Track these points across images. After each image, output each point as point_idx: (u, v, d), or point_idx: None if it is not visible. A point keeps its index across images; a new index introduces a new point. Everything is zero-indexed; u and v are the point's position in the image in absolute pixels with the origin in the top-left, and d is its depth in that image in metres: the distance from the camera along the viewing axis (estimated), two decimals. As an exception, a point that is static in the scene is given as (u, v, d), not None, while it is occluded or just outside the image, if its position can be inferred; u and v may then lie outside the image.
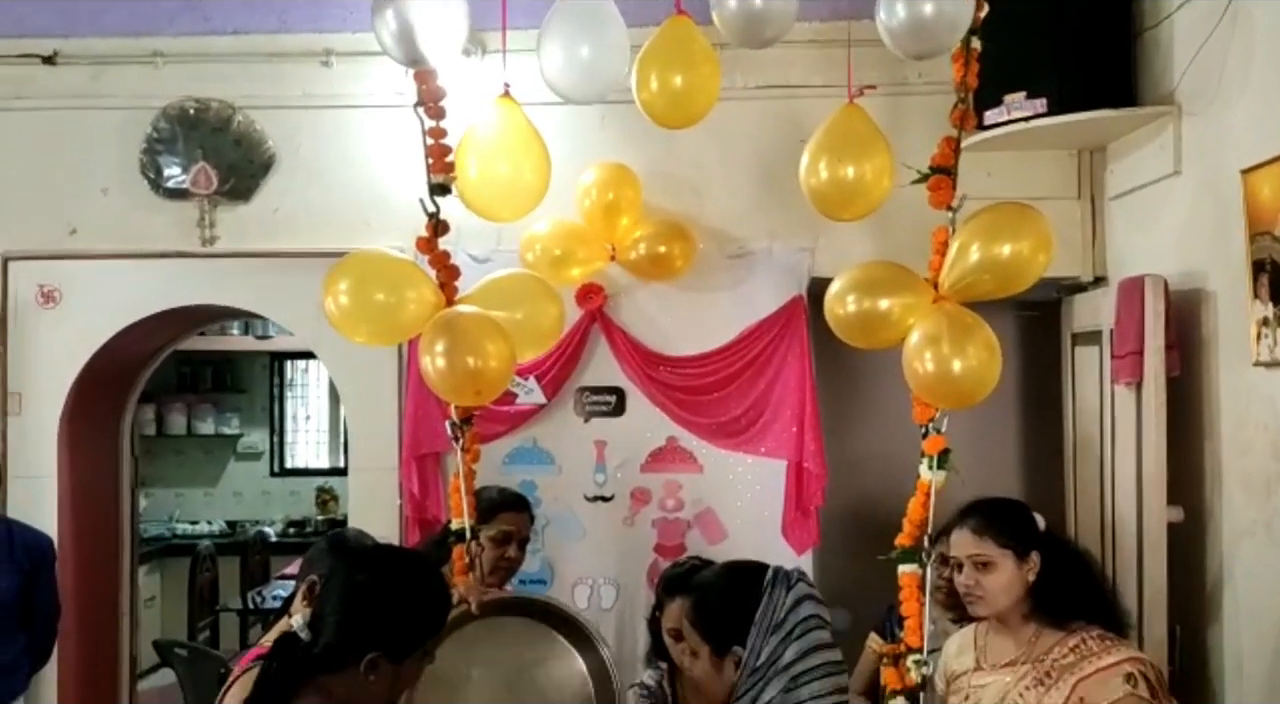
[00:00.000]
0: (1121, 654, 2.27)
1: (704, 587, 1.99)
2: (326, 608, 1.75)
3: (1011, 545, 2.35)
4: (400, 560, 1.87)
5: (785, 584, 1.85)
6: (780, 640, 1.80)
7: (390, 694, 1.79)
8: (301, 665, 1.72)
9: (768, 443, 3.69)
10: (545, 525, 3.72)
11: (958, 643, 2.56)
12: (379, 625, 1.73)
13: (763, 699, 1.79)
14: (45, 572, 3.46)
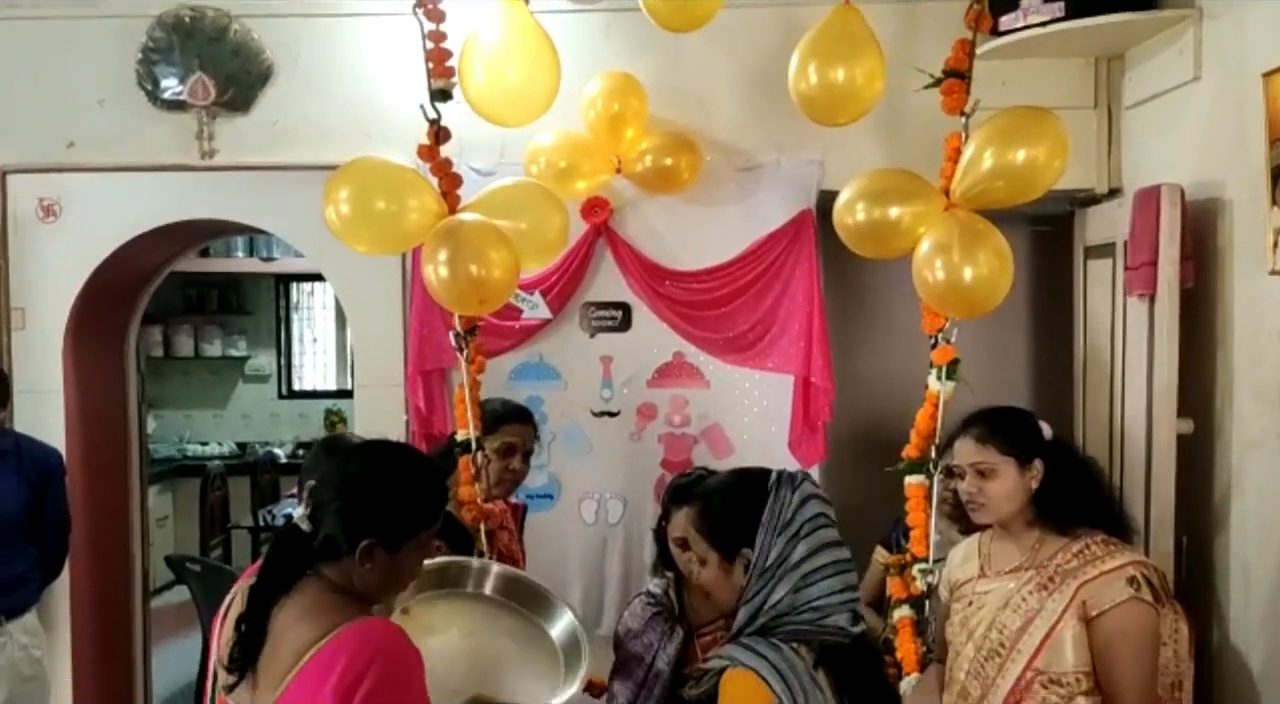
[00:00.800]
0: (1125, 558, 2.27)
1: (710, 492, 1.98)
2: (324, 498, 1.75)
3: (1014, 453, 2.33)
4: (391, 450, 1.88)
5: (791, 485, 1.85)
6: (788, 540, 1.80)
7: (388, 584, 1.80)
8: (302, 556, 1.73)
9: (775, 358, 3.67)
10: (551, 441, 3.73)
11: (962, 552, 2.57)
12: (373, 512, 1.73)
13: (772, 599, 1.79)
14: (54, 485, 3.48)
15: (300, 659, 1.62)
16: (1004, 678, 2.28)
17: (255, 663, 1.68)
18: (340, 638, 1.62)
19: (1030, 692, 2.26)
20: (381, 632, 1.67)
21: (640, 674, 2.66)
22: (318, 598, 1.70)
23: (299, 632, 1.65)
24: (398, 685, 1.62)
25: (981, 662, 2.33)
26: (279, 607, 1.69)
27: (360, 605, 1.74)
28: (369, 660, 1.60)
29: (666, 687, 2.61)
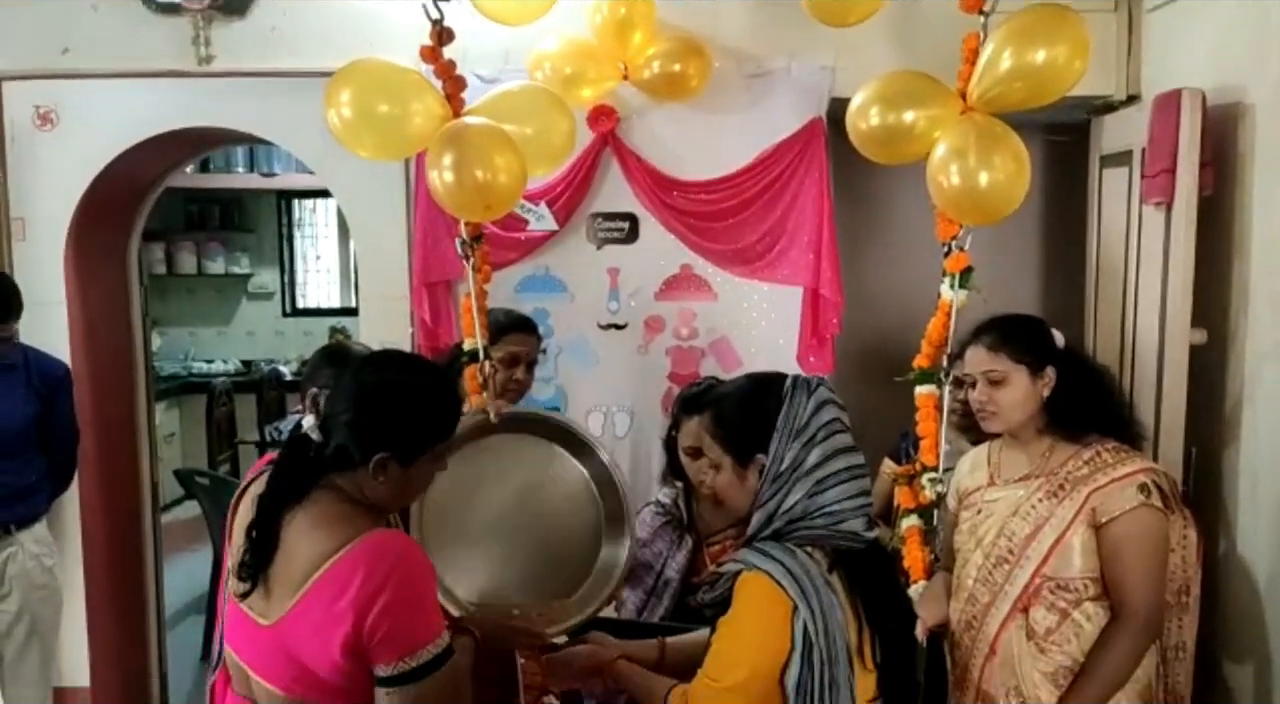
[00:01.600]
0: (1136, 465, 2.26)
1: (724, 397, 1.95)
2: (337, 409, 1.73)
3: (1026, 361, 2.31)
4: (406, 361, 1.85)
5: (806, 389, 1.82)
6: (803, 445, 1.78)
7: (401, 496, 1.79)
8: (313, 466, 1.72)
9: (784, 270, 3.62)
10: (558, 353, 3.70)
11: (971, 460, 2.56)
12: (388, 426, 1.71)
13: (786, 505, 1.79)
14: (63, 397, 3.48)
15: (315, 571, 1.61)
16: (1012, 584, 2.29)
17: (267, 571, 1.68)
18: (356, 551, 1.61)
19: (1038, 597, 2.27)
20: (397, 546, 1.66)
21: (649, 582, 2.68)
22: (330, 509, 1.69)
23: (313, 543, 1.64)
24: (413, 599, 1.62)
25: (990, 568, 2.34)
26: (290, 516, 1.68)
27: (373, 517, 1.73)
28: (386, 574, 1.59)
29: (675, 595, 2.62)
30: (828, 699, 1.70)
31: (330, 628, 1.58)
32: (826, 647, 1.70)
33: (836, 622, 1.72)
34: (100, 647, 3.79)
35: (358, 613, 1.57)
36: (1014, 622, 2.29)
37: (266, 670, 1.68)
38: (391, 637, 1.59)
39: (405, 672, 1.60)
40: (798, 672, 1.70)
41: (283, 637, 1.64)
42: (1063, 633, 2.25)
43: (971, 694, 2.37)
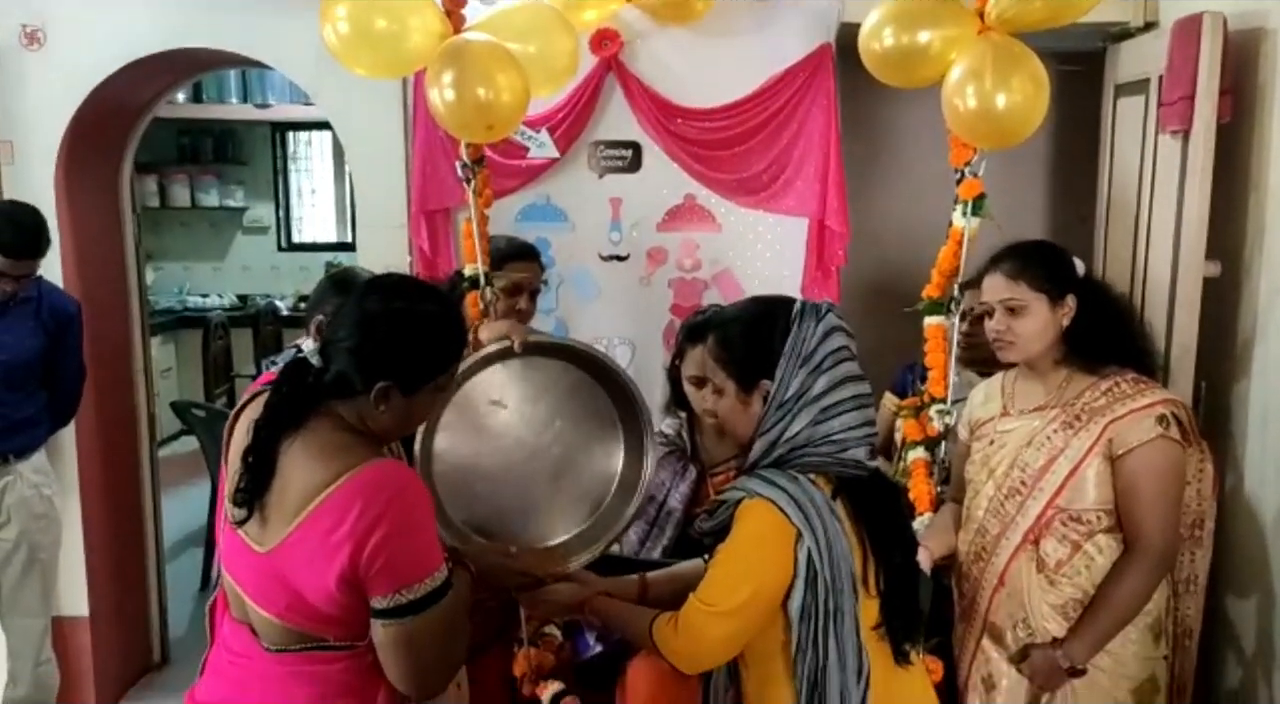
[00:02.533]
0: (1155, 396, 2.22)
1: (729, 321, 1.91)
2: (339, 335, 1.68)
3: (1046, 289, 2.26)
4: (412, 288, 1.78)
5: (815, 315, 1.78)
6: (809, 372, 1.74)
7: (402, 425, 1.74)
8: (312, 391, 1.67)
9: (789, 200, 3.54)
10: (559, 284, 3.64)
11: (984, 391, 2.52)
12: (391, 354, 1.66)
13: (790, 432, 1.75)
14: (72, 335, 3.43)
15: (312, 501, 1.58)
16: (1024, 515, 2.26)
17: (263, 499, 1.63)
18: (354, 481, 1.57)
19: (1050, 529, 2.25)
20: (397, 477, 1.63)
21: (652, 513, 2.65)
22: (329, 437, 1.64)
23: (310, 472, 1.60)
24: (412, 532, 1.59)
25: (1001, 500, 2.31)
26: (287, 442, 1.64)
27: (372, 446, 1.69)
28: (385, 506, 1.56)
29: (679, 526, 2.60)
30: (831, 626, 1.69)
31: (326, 559, 1.55)
32: (831, 574, 1.67)
33: (841, 549, 1.69)
34: (99, 577, 3.77)
35: (354, 545, 1.53)
36: (1024, 553, 2.27)
37: (262, 598, 1.65)
38: (388, 569, 1.55)
39: (401, 605, 1.57)
40: (801, 598, 1.68)
41: (278, 565, 1.60)
42: (1074, 565, 2.22)
43: (978, 626, 2.36)
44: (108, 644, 3.83)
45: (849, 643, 1.69)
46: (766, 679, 1.78)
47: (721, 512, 1.79)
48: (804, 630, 1.69)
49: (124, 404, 4.07)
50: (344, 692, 1.65)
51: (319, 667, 1.65)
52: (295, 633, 1.64)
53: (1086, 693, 2.23)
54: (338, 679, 1.65)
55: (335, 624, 1.62)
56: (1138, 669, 2.24)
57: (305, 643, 1.64)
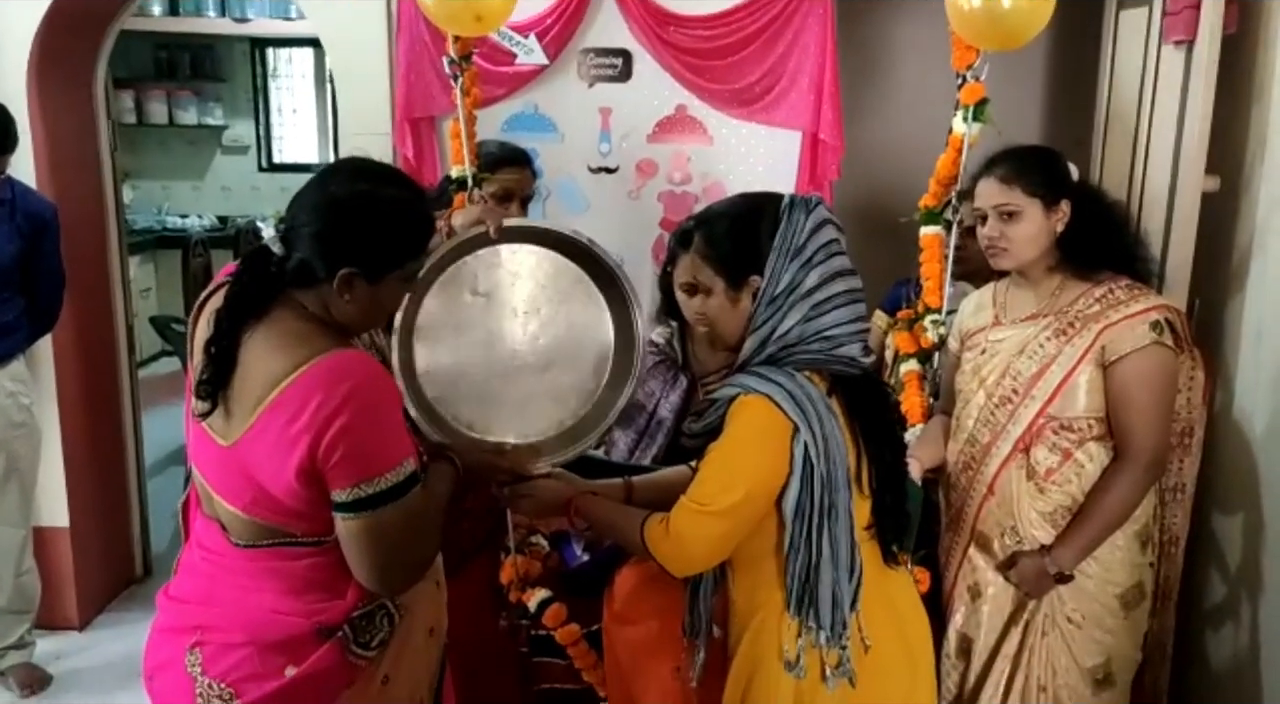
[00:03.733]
0: (1150, 302, 2.19)
1: (714, 217, 1.84)
2: (300, 219, 1.61)
3: (1040, 194, 2.22)
4: (377, 171, 1.69)
5: (805, 208, 1.73)
6: (800, 266, 1.70)
7: (367, 316, 1.68)
8: (274, 280, 1.60)
9: (783, 112, 3.49)
10: (547, 196, 3.58)
11: (975, 301, 2.49)
12: (354, 238, 1.59)
13: (782, 328, 1.71)
14: (48, 239, 3.34)
15: (271, 391, 1.51)
16: (1015, 424, 2.25)
17: (226, 391, 1.58)
18: (315, 370, 1.51)
19: (1041, 437, 2.23)
20: (359, 366, 1.55)
21: (642, 423, 2.63)
22: (292, 327, 1.58)
23: (272, 362, 1.54)
24: (373, 423, 1.53)
25: (992, 409, 2.29)
26: (249, 333, 1.57)
27: (338, 337, 1.62)
28: (346, 396, 1.49)
29: (669, 435, 2.58)
30: (826, 524, 1.66)
31: (285, 450, 1.50)
32: (827, 470, 1.65)
33: (837, 445, 1.67)
34: (79, 490, 3.74)
35: (313, 436, 1.48)
36: (1014, 462, 2.25)
37: (228, 492, 1.61)
38: (347, 461, 1.49)
39: (361, 499, 1.51)
40: (796, 495, 1.65)
41: (241, 458, 1.56)
42: (1063, 473, 2.21)
43: (966, 535, 2.35)
44: (89, 556, 3.81)
45: (842, 540, 1.67)
46: (756, 583, 1.77)
47: (712, 411, 1.75)
48: (797, 528, 1.66)
49: (102, 320, 3.99)
50: (312, 587, 1.62)
51: (287, 562, 1.61)
52: (262, 527, 1.60)
53: (1073, 599, 2.23)
54: (305, 575, 1.61)
55: (299, 518, 1.58)
56: (1124, 576, 2.24)
57: (272, 538, 1.60)
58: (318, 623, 1.60)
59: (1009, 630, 2.29)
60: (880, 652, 1.72)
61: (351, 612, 1.62)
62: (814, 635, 1.68)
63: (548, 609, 2.50)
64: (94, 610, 3.89)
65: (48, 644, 3.62)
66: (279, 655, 1.59)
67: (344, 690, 1.63)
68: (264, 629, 1.59)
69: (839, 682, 1.69)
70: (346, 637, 1.62)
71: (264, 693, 1.58)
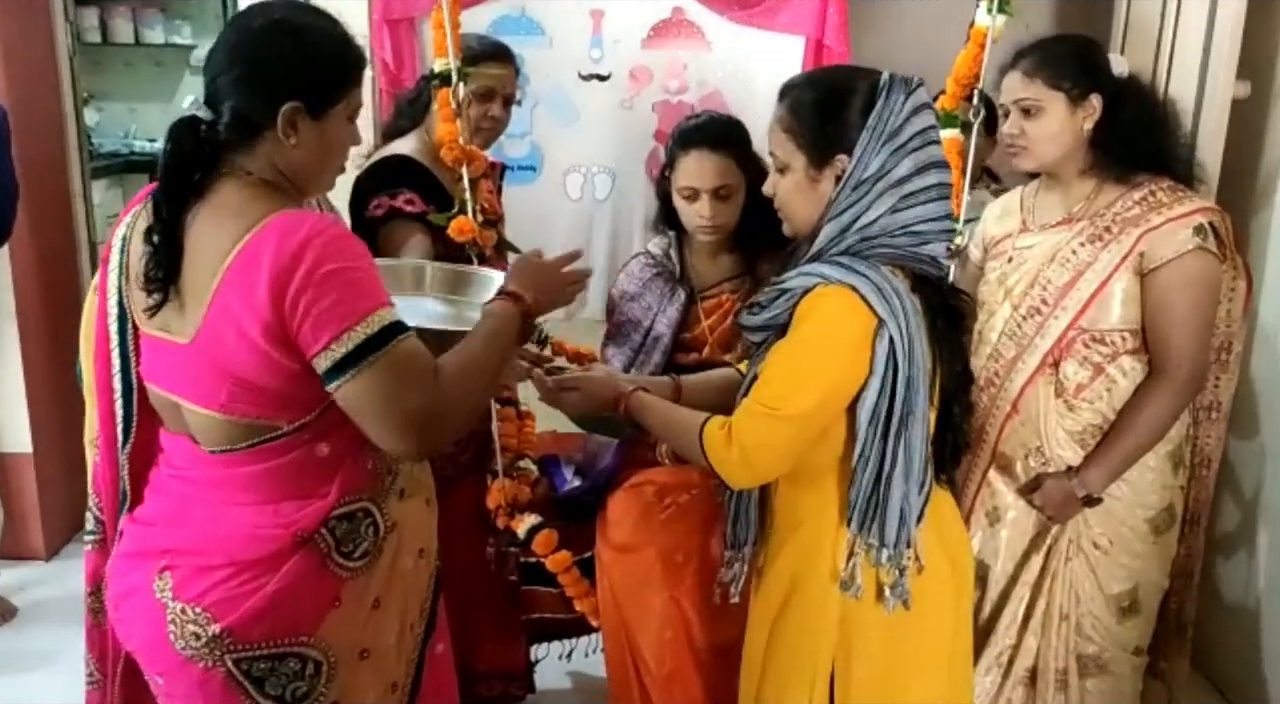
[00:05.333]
0: (1194, 204, 2.04)
1: (804, 85, 1.68)
2: (220, 69, 1.45)
3: (1064, 86, 2.04)
4: (288, 2, 1.54)
5: (904, 89, 1.56)
6: (894, 151, 1.54)
7: (320, 162, 1.52)
8: (209, 150, 1.44)
9: (785, 16, 3.30)
10: (534, 106, 3.40)
11: (1000, 206, 2.33)
12: (285, 67, 1.44)
13: (868, 217, 1.55)
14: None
15: (224, 262, 1.37)
16: (1044, 337, 2.09)
17: (177, 283, 1.42)
18: (264, 230, 1.37)
19: (1070, 351, 2.09)
20: (313, 219, 1.40)
21: (637, 339, 2.46)
22: (237, 195, 1.43)
23: (219, 234, 1.39)
24: (338, 271, 1.35)
25: (1019, 321, 2.13)
26: (191, 215, 1.42)
27: (290, 197, 1.47)
28: (300, 245, 1.34)
29: (666, 352, 2.42)
30: (903, 431, 1.52)
31: (249, 320, 1.35)
32: (910, 372, 1.50)
33: (922, 346, 1.53)
34: (41, 416, 3.56)
35: (273, 295, 1.33)
36: (1042, 377, 2.10)
37: (200, 394, 1.45)
38: (316, 316, 1.34)
39: (345, 355, 1.34)
40: (874, 399, 1.50)
41: (207, 349, 1.41)
42: (1094, 389, 2.07)
43: (985, 457, 2.21)
44: (54, 483, 3.64)
45: (916, 450, 1.53)
46: (806, 494, 1.63)
47: (782, 302, 1.58)
48: (870, 435, 1.52)
49: (64, 243, 3.79)
50: (291, 492, 1.48)
51: (268, 463, 1.46)
52: (242, 426, 1.45)
53: (1099, 523, 2.11)
54: (286, 476, 1.47)
55: (284, 402, 1.42)
56: (1155, 499, 2.12)
57: (254, 437, 1.45)
58: (297, 532, 1.46)
59: (1029, 557, 2.16)
60: (930, 574, 1.60)
61: (329, 513, 1.48)
62: (874, 553, 1.55)
63: (537, 535, 2.37)
64: (60, 540, 3.73)
65: (12, 575, 3.48)
66: (260, 574, 1.46)
67: (331, 611, 1.49)
68: (243, 547, 1.46)
69: (896, 603, 1.56)
70: (326, 543, 1.48)
71: (241, 613, 1.44)
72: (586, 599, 2.39)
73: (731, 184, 2.27)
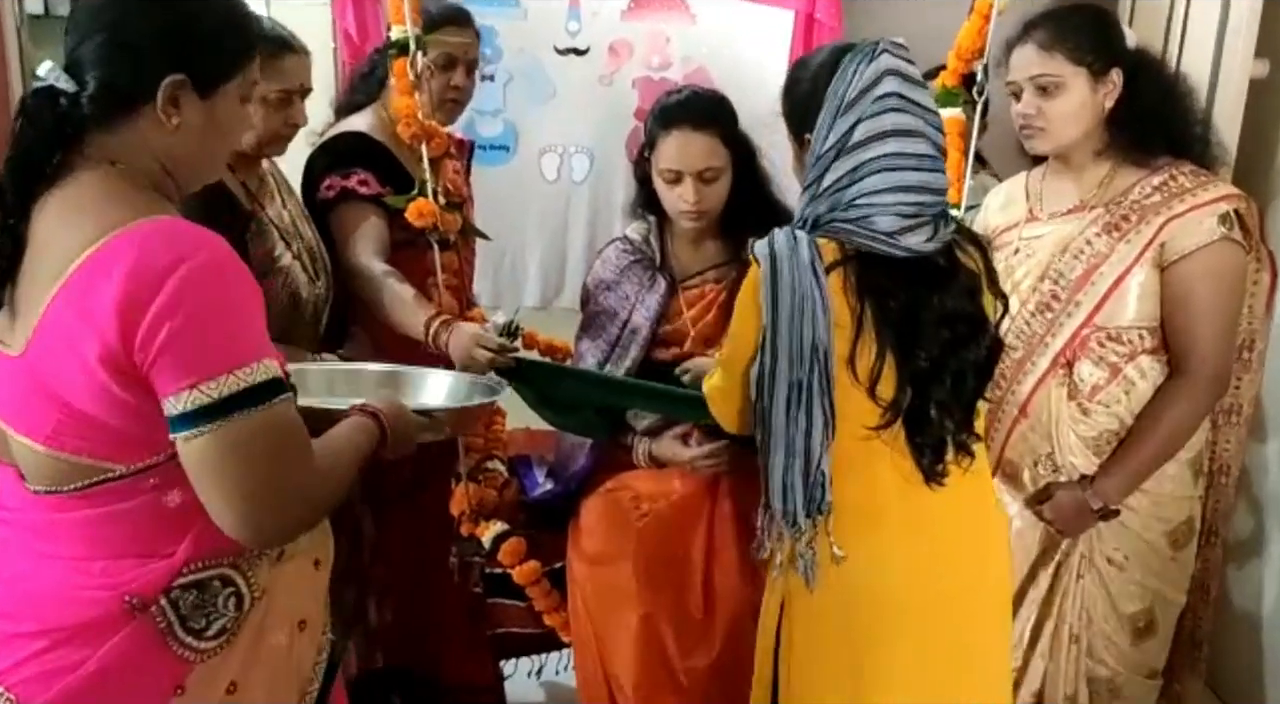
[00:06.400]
0: (1219, 190, 1.88)
1: (797, 65, 1.73)
2: (87, 34, 1.20)
3: (1086, 61, 1.88)
4: None
5: (866, 55, 1.49)
6: (849, 122, 1.48)
7: (207, 151, 1.29)
8: (70, 126, 1.20)
9: (773, -13, 3.12)
10: (508, 81, 3.21)
11: (1004, 193, 2.16)
12: (168, 31, 1.21)
13: (820, 189, 1.50)
14: None
15: (68, 267, 1.14)
16: (1055, 335, 1.93)
17: (13, 283, 1.20)
18: (126, 235, 1.13)
19: (1084, 351, 1.93)
20: (190, 231, 1.17)
21: (614, 332, 2.29)
22: (96, 188, 1.19)
23: (71, 232, 1.16)
24: (215, 302, 1.14)
25: (1028, 318, 1.97)
26: (39, 205, 1.19)
27: (158, 201, 1.22)
28: (171, 263, 1.11)
29: (644, 346, 2.24)
30: (772, 399, 1.48)
31: (89, 341, 1.12)
32: (790, 342, 1.45)
33: (812, 318, 1.43)
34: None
35: (123, 316, 1.10)
36: (1053, 379, 1.94)
37: (23, 420, 1.22)
38: (175, 352, 1.11)
39: (202, 407, 1.12)
40: (757, 361, 1.50)
41: (35, 367, 1.17)
42: (1111, 392, 1.91)
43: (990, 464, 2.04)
44: None
45: (793, 424, 1.47)
46: None
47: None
48: (757, 398, 1.51)
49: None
50: (126, 547, 1.22)
51: (101, 509, 1.21)
52: (70, 465, 1.20)
53: (1114, 537, 1.95)
54: (122, 527, 1.22)
55: (120, 441, 1.19)
56: (1174, 511, 1.97)
57: (84, 478, 1.21)
58: (127, 594, 1.20)
59: (1036, 573, 2.01)
60: (882, 576, 1.53)
61: (175, 578, 1.21)
62: (766, 517, 1.55)
63: (503, 544, 2.22)
64: None
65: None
66: (79, 647, 1.19)
67: (171, 700, 1.22)
68: (57, 611, 1.21)
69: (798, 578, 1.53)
70: (166, 615, 1.22)
71: (52, 696, 1.18)
72: (557, 614, 2.25)
73: (717, 166, 2.09)
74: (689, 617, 2.03)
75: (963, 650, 1.55)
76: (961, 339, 1.49)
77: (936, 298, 1.48)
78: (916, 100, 1.46)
